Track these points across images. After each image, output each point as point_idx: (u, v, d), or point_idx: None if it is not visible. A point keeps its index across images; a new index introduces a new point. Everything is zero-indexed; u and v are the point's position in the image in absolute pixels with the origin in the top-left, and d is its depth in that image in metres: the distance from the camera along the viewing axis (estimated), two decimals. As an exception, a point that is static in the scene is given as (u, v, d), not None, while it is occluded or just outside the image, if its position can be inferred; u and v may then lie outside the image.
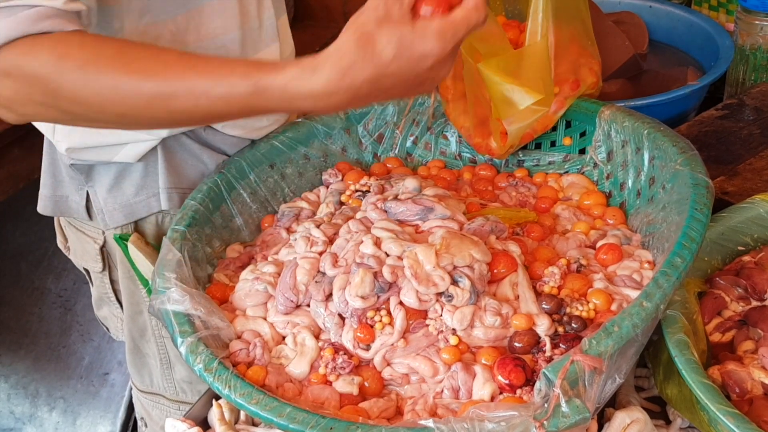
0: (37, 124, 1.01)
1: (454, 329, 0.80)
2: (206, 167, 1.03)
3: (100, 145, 0.98)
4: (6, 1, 0.73)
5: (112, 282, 1.13)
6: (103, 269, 1.12)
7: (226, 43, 0.97)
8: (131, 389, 1.73)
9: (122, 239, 1.03)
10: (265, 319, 0.86)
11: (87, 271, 1.16)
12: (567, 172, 1.06)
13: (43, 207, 1.08)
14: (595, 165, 1.04)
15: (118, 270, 1.10)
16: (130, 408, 1.82)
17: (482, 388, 0.76)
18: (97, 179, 1.02)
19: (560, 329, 0.80)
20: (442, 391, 0.77)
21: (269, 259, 0.94)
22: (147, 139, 0.98)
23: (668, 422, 0.83)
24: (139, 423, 1.26)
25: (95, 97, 0.74)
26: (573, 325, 0.80)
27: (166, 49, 0.77)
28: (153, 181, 1.02)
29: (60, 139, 0.98)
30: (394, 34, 0.70)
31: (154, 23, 0.92)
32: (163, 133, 0.98)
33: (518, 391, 0.76)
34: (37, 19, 0.73)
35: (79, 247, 1.13)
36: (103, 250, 1.10)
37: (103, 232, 1.07)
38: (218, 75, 0.73)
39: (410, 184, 0.97)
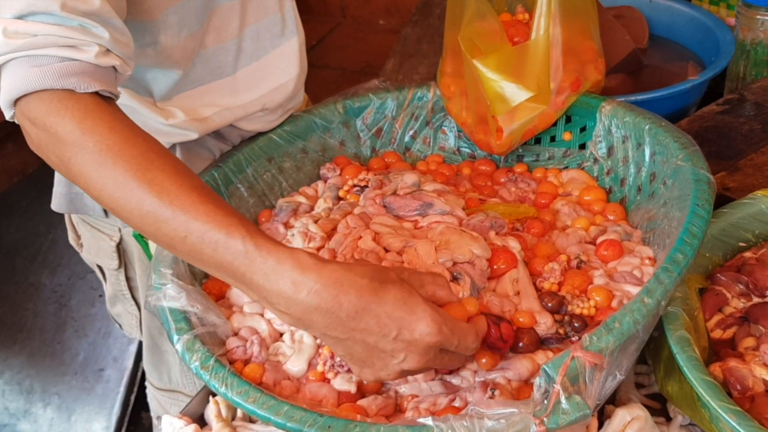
0: None
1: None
2: None
3: None
4: (33, 48, 0.70)
5: (128, 279, 1.13)
6: (119, 266, 1.11)
7: (241, 41, 0.97)
8: (139, 387, 1.72)
9: (142, 236, 1.02)
10: (262, 315, 0.86)
11: (100, 268, 1.15)
12: (567, 167, 1.06)
13: (57, 205, 1.07)
14: (596, 160, 1.03)
15: (134, 267, 1.10)
16: (125, 404, 1.81)
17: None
18: None
19: (561, 330, 0.80)
20: (455, 398, 0.76)
21: (266, 254, 0.93)
22: (164, 141, 0.97)
23: (669, 419, 0.82)
24: (155, 422, 1.26)
25: (99, 185, 0.71)
26: (575, 324, 0.79)
27: (189, 173, 0.73)
28: None
29: None
30: (407, 291, 0.67)
31: (191, 35, 0.91)
32: (179, 137, 0.96)
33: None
34: (63, 74, 0.70)
35: (94, 244, 1.12)
36: (119, 248, 1.09)
37: (120, 230, 1.07)
38: (222, 222, 0.69)
39: (409, 179, 0.97)
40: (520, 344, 0.78)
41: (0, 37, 0.70)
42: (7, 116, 0.75)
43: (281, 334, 0.84)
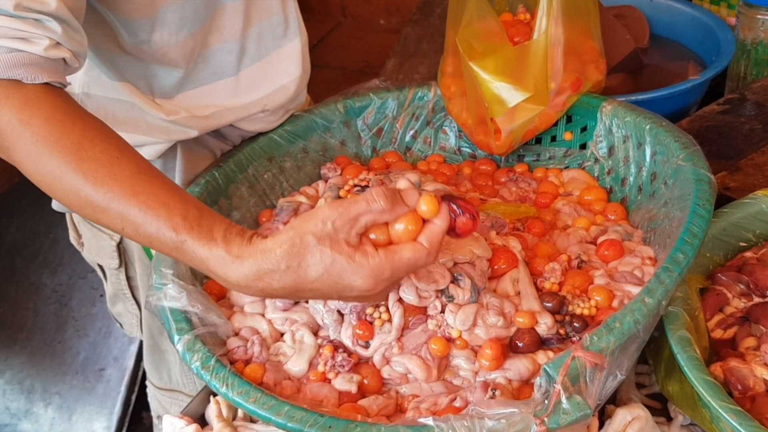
0: None
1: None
2: None
3: None
4: None
5: (128, 279, 1.13)
6: (120, 266, 1.11)
7: (244, 41, 0.97)
8: (140, 387, 1.72)
9: None
10: (263, 315, 0.86)
11: (101, 267, 1.15)
12: (567, 167, 1.06)
13: (58, 204, 1.07)
14: (596, 160, 1.03)
15: (135, 267, 1.10)
16: (126, 404, 1.81)
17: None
18: None
19: (562, 331, 0.80)
20: (456, 398, 0.76)
21: (267, 254, 0.93)
22: (165, 141, 0.97)
23: (669, 419, 0.82)
24: (156, 422, 1.26)
25: (37, 175, 0.73)
26: (575, 324, 0.79)
27: (125, 160, 0.73)
28: (171, 177, 1.01)
29: None
30: (327, 258, 0.67)
31: (191, 35, 0.91)
32: (178, 135, 0.97)
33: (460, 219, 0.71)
34: (10, 65, 0.70)
35: (95, 243, 1.12)
36: (120, 247, 1.09)
37: None
38: (154, 215, 0.71)
39: (410, 179, 0.96)
40: (521, 344, 0.79)
41: None
42: None
43: (282, 334, 0.84)
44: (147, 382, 1.21)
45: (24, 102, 0.71)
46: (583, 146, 1.05)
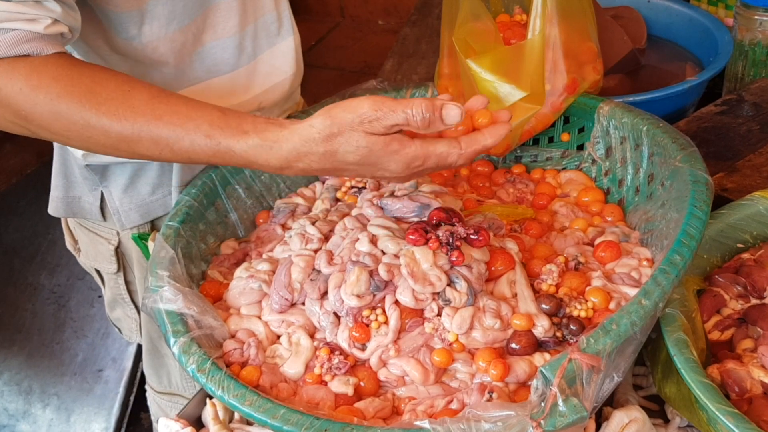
0: None
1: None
2: None
3: None
4: None
5: (127, 283, 1.12)
6: (118, 270, 1.11)
7: (240, 39, 0.97)
8: (138, 388, 1.72)
9: (141, 238, 1.02)
10: (259, 318, 0.85)
11: (99, 273, 1.15)
12: (565, 168, 1.06)
13: (54, 209, 1.07)
14: (594, 161, 1.03)
15: (133, 271, 1.10)
16: (124, 405, 1.81)
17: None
18: (112, 179, 1.02)
19: (558, 334, 0.80)
20: (452, 400, 0.76)
21: (264, 256, 0.93)
22: None
23: (667, 421, 0.82)
24: (155, 425, 1.25)
25: (64, 130, 0.76)
26: (572, 327, 0.79)
27: (137, 89, 0.77)
28: (168, 179, 1.01)
29: None
30: (364, 144, 0.72)
31: (180, 29, 0.92)
32: None
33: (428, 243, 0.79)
34: (15, 42, 0.74)
35: (92, 248, 1.12)
36: (118, 251, 1.09)
37: (118, 233, 1.06)
38: (183, 130, 0.75)
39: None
40: (518, 347, 0.78)
41: None
42: None
43: (278, 337, 0.84)
44: (147, 386, 1.21)
45: (30, 70, 0.75)
46: (581, 147, 1.05)
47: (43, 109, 0.75)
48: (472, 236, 0.82)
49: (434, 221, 0.84)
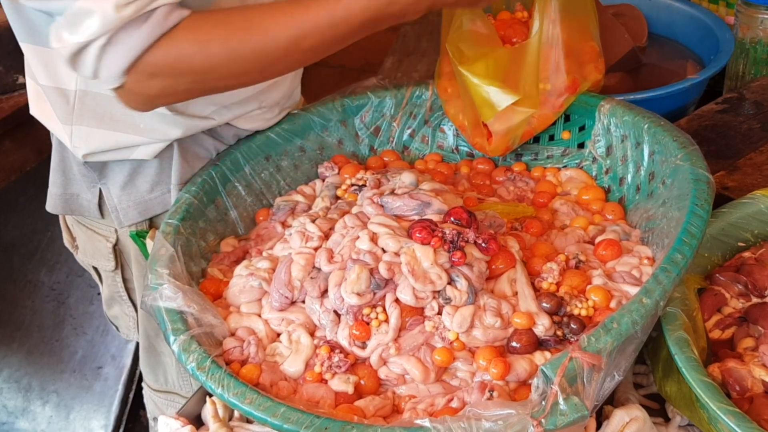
0: (51, 128, 1.01)
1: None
2: None
3: (117, 147, 0.98)
4: (144, 8, 0.77)
5: (125, 281, 1.12)
6: (116, 268, 1.11)
7: None
8: (138, 385, 1.72)
9: (139, 236, 1.02)
10: (259, 315, 0.85)
11: (96, 270, 1.15)
12: (565, 166, 1.05)
13: (52, 206, 1.07)
14: (594, 159, 1.03)
15: (131, 268, 1.09)
16: (124, 402, 1.81)
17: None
18: (111, 176, 1.01)
19: (559, 332, 0.79)
20: (453, 399, 0.76)
21: (264, 254, 0.93)
22: (162, 140, 0.97)
23: (667, 420, 0.82)
24: (152, 423, 1.25)
25: (244, 62, 0.81)
26: (572, 326, 0.79)
27: (274, 4, 0.82)
28: (167, 177, 1.01)
29: (78, 144, 0.98)
30: None
31: None
32: (175, 134, 0.97)
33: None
34: (164, 17, 0.78)
35: (90, 246, 1.11)
36: (116, 249, 1.08)
37: (116, 230, 1.06)
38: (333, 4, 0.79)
39: (407, 178, 0.96)
40: (518, 345, 0.78)
41: (110, 12, 0.75)
42: (111, 86, 0.80)
43: (278, 335, 0.84)
44: (143, 384, 1.21)
45: (190, 32, 0.79)
46: (581, 145, 1.05)
47: (220, 57, 0.79)
48: (482, 244, 0.82)
49: (451, 220, 0.84)
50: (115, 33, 0.76)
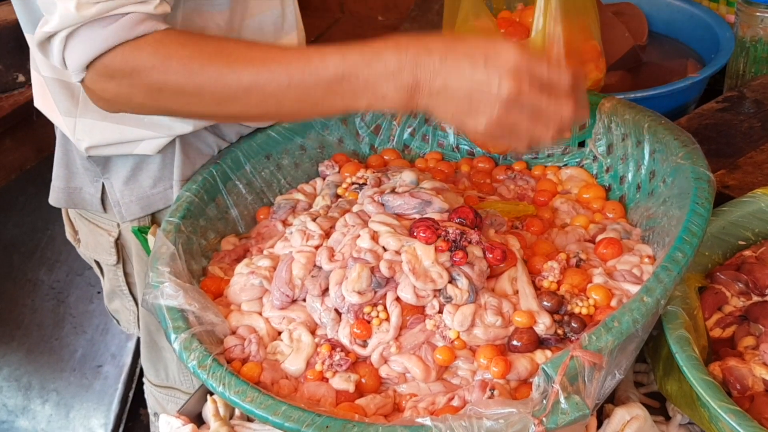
0: (55, 120, 1.01)
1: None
2: None
3: (121, 141, 0.98)
4: (107, 12, 0.77)
5: (126, 275, 1.12)
6: (117, 262, 1.11)
7: (240, 32, 0.97)
8: (138, 384, 1.72)
9: (141, 231, 1.02)
10: (260, 314, 0.85)
11: (98, 264, 1.15)
12: (566, 165, 1.05)
13: (55, 199, 1.07)
14: (595, 158, 1.03)
15: (132, 263, 1.10)
16: (124, 401, 1.81)
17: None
18: (114, 171, 1.02)
19: (560, 331, 0.79)
20: (454, 397, 0.76)
21: (264, 252, 0.93)
22: (165, 134, 0.97)
23: (668, 418, 0.82)
24: (152, 418, 1.25)
25: (196, 91, 0.79)
26: (573, 324, 0.79)
27: (255, 43, 0.83)
28: (170, 172, 1.01)
29: (81, 137, 0.98)
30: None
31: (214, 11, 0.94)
32: (180, 129, 0.97)
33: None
34: (133, 24, 0.78)
35: (92, 239, 1.11)
36: (118, 243, 1.09)
37: (118, 225, 1.06)
38: (309, 57, 0.78)
39: (407, 176, 0.96)
40: (519, 344, 0.78)
41: (72, 10, 0.76)
42: (76, 79, 0.81)
43: (279, 333, 0.84)
44: (144, 379, 1.21)
45: (155, 45, 0.79)
46: (582, 144, 1.05)
47: (178, 76, 0.78)
48: (488, 255, 0.82)
49: (457, 219, 0.84)
50: (78, 28, 0.77)
